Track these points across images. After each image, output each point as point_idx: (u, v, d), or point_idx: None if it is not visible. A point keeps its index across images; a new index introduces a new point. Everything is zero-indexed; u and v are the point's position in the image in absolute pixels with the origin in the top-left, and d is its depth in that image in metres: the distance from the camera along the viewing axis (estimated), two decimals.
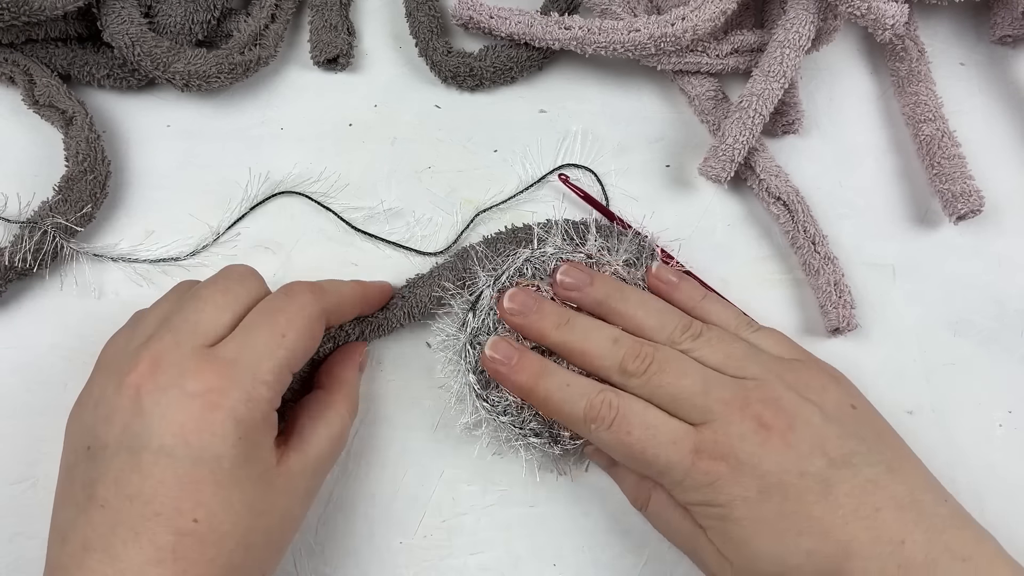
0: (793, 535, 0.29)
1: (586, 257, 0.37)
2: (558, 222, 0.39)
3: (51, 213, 0.38)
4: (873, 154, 0.45)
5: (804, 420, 0.31)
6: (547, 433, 0.35)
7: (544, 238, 0.38)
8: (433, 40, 0.45)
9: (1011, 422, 0.39)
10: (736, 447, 0.30)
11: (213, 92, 0.44)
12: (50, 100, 0.41)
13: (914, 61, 0.45)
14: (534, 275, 0.37)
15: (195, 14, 0.43)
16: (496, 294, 0.36)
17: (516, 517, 0.37)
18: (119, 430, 0.28)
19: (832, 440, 0.30)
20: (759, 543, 0.29)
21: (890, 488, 0.30)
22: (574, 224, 0.39)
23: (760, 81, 0.41)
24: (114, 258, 0.40)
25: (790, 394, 0.31)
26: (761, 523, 0.29)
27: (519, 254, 0.37)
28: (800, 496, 0.29)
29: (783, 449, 0.30)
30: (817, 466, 0.30)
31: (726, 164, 0.41)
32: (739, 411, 0.31)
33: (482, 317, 0.36)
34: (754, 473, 0.30)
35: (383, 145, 0.44)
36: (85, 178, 0.39)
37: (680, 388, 0.32)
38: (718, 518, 0.30)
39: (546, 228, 0.39)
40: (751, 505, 0.30)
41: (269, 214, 0.42)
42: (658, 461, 0.31)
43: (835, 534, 0.29)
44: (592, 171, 0.43)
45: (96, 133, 0.41)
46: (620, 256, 0.38)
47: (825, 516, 0.29)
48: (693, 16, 0.42)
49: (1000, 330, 0.41)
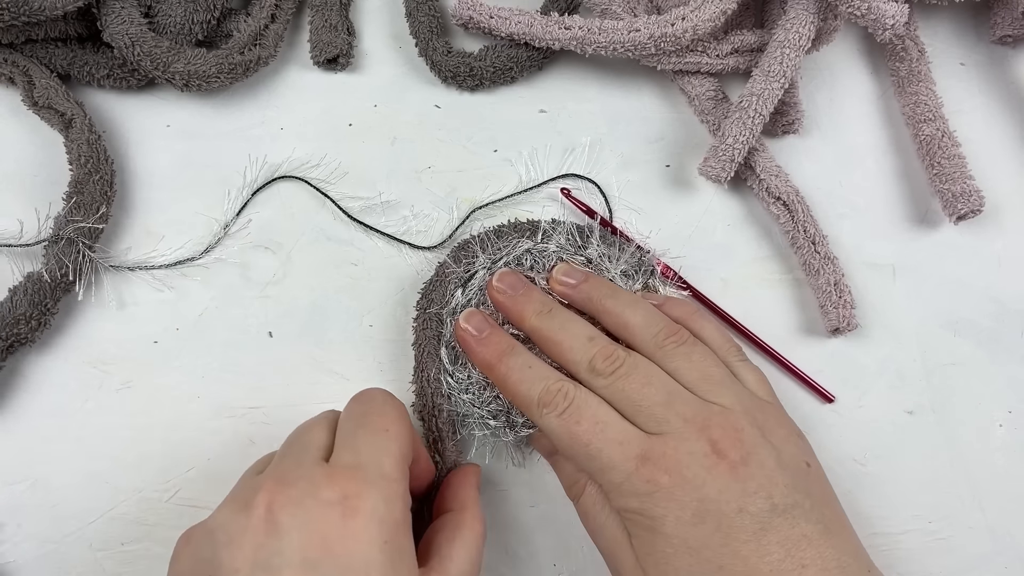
0: (714, 567, 0.29)
1: (586, 261, 0.38)
2: (565, 222, 0.39)
3: (69, 221, 0.38)
4: (873, 154, 0.45)
5: (759, 459, 0.30)
6: (504, 418, 0.36)
7: (549, 234, 0.39)
8: (433, 40, 0.45)
9: (1011, 422, 0.39)
10: (683, 463, 0.30)
11: (213, 92, 0.44)
12: (49, 102, 0.41)
13: (914, 61, 0.45)
14: (532, 267, 0.38)
15: (195, 14, 0.43)
16: (489, 276, 0.37)
17: (516, 517, 0.37)
18: (250, 552, 0.26)
19: (780, 487, 0.30)
20: (679, 565, 0.29)
21: (821, 548, 0.29)
22: (579, 227, 0.39)
23: (760, 81, 0.41)
24: (131, 267, 0.40)
25: (753, 430, 0.31)
26: (687, 547, 0.29)
27: (521, 243, 0.38)
28: (733, 531, 0.29)
29: (730, 480, 0.29)
30: (759, 507, 0.29)
31: (726, 164, 0.41)
32: (696, 431, 0.30)
33: (469, 296, 0.37)
34: (695, 495, 0.29)
35: (383, 145, 0.44)
36: (92, 179, 0.39)
37: (642, 395, 0.32)
38: (647, 529, 0.30)
39: (553, 225, 0.39)
40: (683, 526, 0.29)
41: (269, 212, 0.42)
42: (601, 456, 0.31)
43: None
44: (595, 183, 0.43)
45: (96, 134, 0.41)
46: (619, 265, 0.38)
47: (751, 558, 0.28)
48: (693, 16, 0.42)
49: (1000, 330, 0.41)
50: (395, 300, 0.41)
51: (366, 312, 0.40)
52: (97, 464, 0.37)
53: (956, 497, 0.38)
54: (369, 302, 0.41)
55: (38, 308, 0.36)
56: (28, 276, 0.37)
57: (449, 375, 0.36)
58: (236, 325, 0.40)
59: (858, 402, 0.40)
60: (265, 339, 0.40)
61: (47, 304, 0.37)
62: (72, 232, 0.37)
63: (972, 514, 0.38)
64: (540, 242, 0.38)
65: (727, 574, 0.28)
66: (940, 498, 0.38)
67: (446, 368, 0.37)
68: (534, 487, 0.38)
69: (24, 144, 0.42)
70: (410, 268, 0.41)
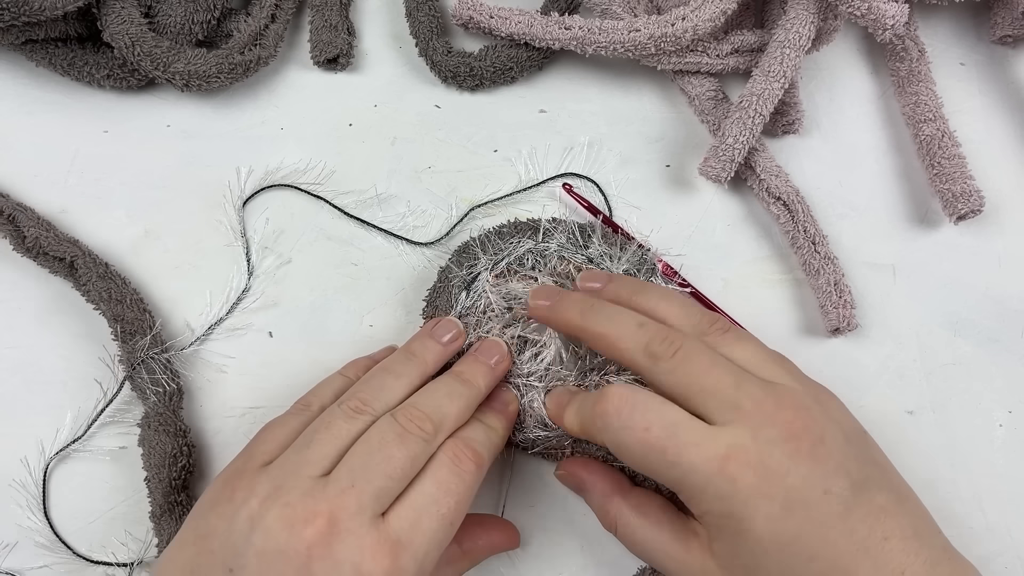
0: (805, 560, 0.27)
1: (587, 260, 0.38)
2: (566, 221, 0.39)
3: (139, 351, 0.37)
4: (873, 154, 0.45)
5: (831, 437, 0.29)
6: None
7: (550, 233, 0.39)
8: (433, 40, 0.45)
9: (1011, 422, 0.39)
10: (765, 454, 0.28)
11: (213, 92, 0.44)
12: (42, 249, 0.39)
13: (914, 61, 0.45)
14: (534, 266, 0.38)
15: (195, 14, 0.43)
16: (492, 277, 0.37)
17: (515, 517, 0.37)
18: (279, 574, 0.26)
19: (853, 461, 0.29)
20: (770, 564, 0.28)
21: (898, 517, 0.28)
22: (580, 226, 0.39)
23: (760, 81, 0.41)
24: (184, 348, 0.39)
25: (817, 407, 0.30)
26: (778, 543, 0.27)
27: (522, 243, 0.38)
28: (821, 517, 0.27)
29: (811, 464, 0.28)
30: (841, 486, 0.28)
31: (726, 164, 0.41)
32: (769, 415, 0.28)
33: (474, 298, 0.37)
34: (781, 485, 0.28)
35: (383, 145, 0.44)
36: (123, 306, 0.38)
37: (711, 378, 0.29)
38: (734, 532, 0.28)
39: (553, 225, 0.39)
40: (772, 522, 0.27)
41: (268, 213, 0.42)
42: (681, 462, 0.28)
43: (843, 561, 0.27)
44: (594, 182, 0.43)
45: (103, 264, 0.39)
46: (621, 264, 0.38)
47: (839, 541, 0.27)
48: (693, 16, 0.42)
49: (1000, 330, 0.41)
50: (395, 300, 0.41)
51: (366, 312, 0.40)
52: (97, 463, 0.37)
53: (956, 497, 0.38)
54: (369, 302, 0.41)
55: (179, 439, 0.36)
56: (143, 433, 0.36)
57: None
58: (236, 325, 0.40)
59: (858, 402, 0.40)
60: (265, 339, 0.40)
61: (180, 428, 0.36)
62: (144, 355, 0.37)
63: (972, 514, 0.38)
64: (541, 242, 0.38)
65: (819, 563, 0.27)
66: (940, 498, 0.38)
67: None
68: (534, 488, 0.38)
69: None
70: (410, 268, 0.41)
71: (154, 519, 0.35)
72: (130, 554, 0.35)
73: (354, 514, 0.27)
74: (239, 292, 0.40)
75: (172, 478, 0.35)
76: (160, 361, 0.37)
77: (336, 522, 0.27)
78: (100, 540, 0.36)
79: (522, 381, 0.36)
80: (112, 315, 0.38)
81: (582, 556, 0.37)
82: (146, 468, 0.36)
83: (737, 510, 0.28)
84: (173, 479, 0.35)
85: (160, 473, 0.35)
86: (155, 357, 0.37)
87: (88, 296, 0.39)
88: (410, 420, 0.30)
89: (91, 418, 0.37)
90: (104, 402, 0.37)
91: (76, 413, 0.37)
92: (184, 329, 0.39)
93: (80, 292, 0.39)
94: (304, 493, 0.28)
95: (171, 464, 0.35)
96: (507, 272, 0.38)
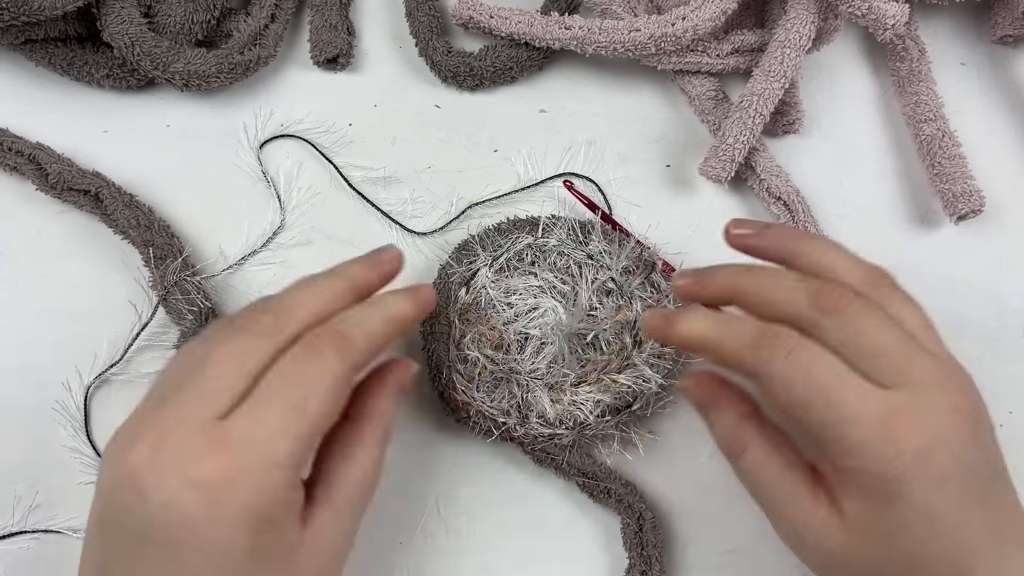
0: (948, 531, 0.26)
1: (587, 257, 0.38)
2: (565, 217, 0.39)
3: (171, 273, 0.38)
4: (873, 154, 0.45)
5: (987, 423, 0.28)
6: (516, 415, 0.36)
7: (549, 229, 0.39)
8: (433, 40, 0.45)
9: (1011, 422, 0.39)
10: (933, 423, 0.26)
11: (213, 92, 0.44)
12: (67, 184, 0.40)
13: (915, 61, 0.45)
14: (533, 262, 0.38)
15: (195, 14, 0.43)
16: (491, 273, 0.37)
17: (515, 518, 0.37)
18: (121, 512, 0.25)
19: (994, 454, 0.28)
20: (914, 533, 0.26)
21: (1012, 490, 0.28)
22: (580, 223, 0.40)
23: (761, 81, 0.41)
24: (216, 275, 0.40)
25: (977, 392, 0.29)
26: (928, 514, 0.26)
27: (521, 238, 0.39)
28: (972, 491, 0.27)
29: (969, 439, 0.27)
30: (987, 462, 0.28)
31: (726, 164, 0.41)
32: (939, 385, 0.27)
33: (474, 295, 0.37)
34: (943, 456, 0.26)
35: (383, 145, 0.44)
36: (152, 231, 0.39)
37: (883, 338, 0.27)
38: (885, 495, 0.26)
39: (553, 221, 0.39)
40: (928, 492, 0.26)
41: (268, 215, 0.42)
42: (843, 405, 0.26)
43: (973, 541, 0.27)
44: (593, 181, 0.43)
45: (128, 194, 0.40)
46: (620, 261, 0.38)
47: (974, 520, 0.27)
48: (693, 16, 0.42)
49: (1000, 330, 0.41)
50: None
51: None
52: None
53: None
54: None
55: None
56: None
57: (461, 374, 0.37)
58: None
59: None
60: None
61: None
62: (177, 277, 0.38)
63: None
64: (540, 237, 0.39)
65: (950, 542, 0.27)
66: None
67: (458, 368, 0.37)
68: (533, 488, 0.38)
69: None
70: (409, 267, 0.41)
71: None
72: None
73: (179, 423, 0.26)
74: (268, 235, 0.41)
75: None
76: (193, 283, 0.38)
77: (162, 435, 0.25)
78: None
79: (525, 378, 0.36)
80: (142, 241, 0.39)
81: (582, 556, 0.36)
82: None
83: (898, 473, 0.26)
84: None
85: None
86: (188, 279, 0.38)
87: (116, 226, 0.40)
88: (244, 317, 0.29)
89: (128, 341, 0.38)
90: (140, 326, 0.38)
91: (113, 338, 0.38)
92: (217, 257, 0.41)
93: (107, 224, 0.40)
94: (135, 420, 0.27)
95: None
96: (507, 268, 0.39)
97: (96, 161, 0.43)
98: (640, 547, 0.35)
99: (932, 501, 0.26)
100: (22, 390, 0.38)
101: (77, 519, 0.36)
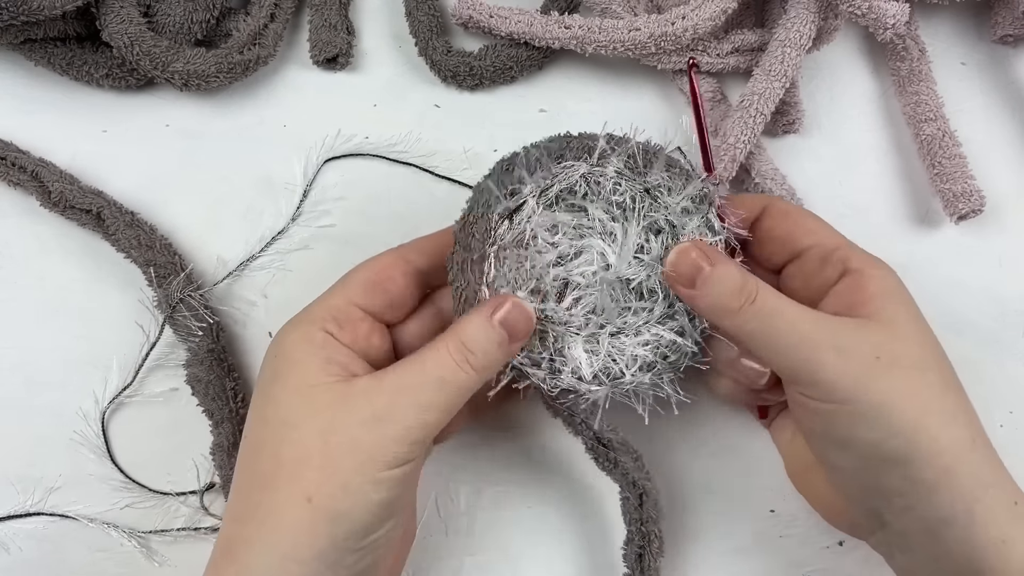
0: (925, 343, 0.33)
1: (644, 191, 0.33)
2: (629, 139, 0.34)
3: (175, 291, 0.38)
4: (874, 154, 0.45)
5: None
6: (547, 365, 0.32)
7: (607, 155, 0.33)
8: (433, 39, 0.45)
9: (1011, 422, 0.39)
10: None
11: (212, 91, 0.44)
12: (69, 202, 0.40)
13: (915, 60, 0.45)
14: (585, 195, 0.33)
15: (194, 13, 0.43)
16: (539, 208, 0.32)
17: (515, 518, 0.37)
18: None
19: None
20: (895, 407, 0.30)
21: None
22: (644, 148, 0.34)
23: (761, 80, 0.41)
24: (216, 283, 0.40)
25: None
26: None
27: (575, 167, 0.33)
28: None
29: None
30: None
31: (727, 164, 0.41)
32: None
33: (519, 230, 0.32)
34: (907, 295, 0.35)
35: (383, 145, 0.44)
36: (154, 251, 0.39)
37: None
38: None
39: (611, 144, 0.33)
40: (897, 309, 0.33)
41: (267, 216, 0.42)
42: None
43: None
44: None
45: (130, 212, 0.40)
46: (682, 202, 0.33)
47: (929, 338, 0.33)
48: (693, 15, 0.42)
49: (1000, 330, 0.41)
50: None
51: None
52: (95, 463, 0.37)
53: None
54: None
55: (219, 369, 0.38)
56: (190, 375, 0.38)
57: None
58: (236, 325, 0.40)
59: None
60: (265, 339, 0.40)
61: (229, 362, 0.38)
62: (182, 295, 0.38)
63: None
64: (596, 165, 0.33)
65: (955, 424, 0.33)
66: None
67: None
68: (533, 488, 0.38)
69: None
70: None
71: (220, 450, 0.36)
72: (199, 484, 0.37)
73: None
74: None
75: (233, 408, 0.37)
76: (198, 298, 0.38)
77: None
78: (166, 475, 0.38)
79: (561, 328, 0.32)
80: (144, 261, 0.39)
81: (581, 556, 0.36)
82: (203, 403, 0.37)
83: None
84: (233, 409, 0.37)
85: (220, 405, 0.37)
86: (191, 295, 0.38)
87: (118, 245, 0.40)
88: None
89: (138, 363, 0.38)
90: (148, 345, 0.39)
91: (122, 360, 0.39)
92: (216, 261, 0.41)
93: (110, 242, 0.40)
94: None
95: (231, 397, 0.37)
96: (556, 201, 0.33)
97: (95, 161, 0.43)
98: (640, 522, 0.34)
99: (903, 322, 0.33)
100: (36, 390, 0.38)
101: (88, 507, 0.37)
